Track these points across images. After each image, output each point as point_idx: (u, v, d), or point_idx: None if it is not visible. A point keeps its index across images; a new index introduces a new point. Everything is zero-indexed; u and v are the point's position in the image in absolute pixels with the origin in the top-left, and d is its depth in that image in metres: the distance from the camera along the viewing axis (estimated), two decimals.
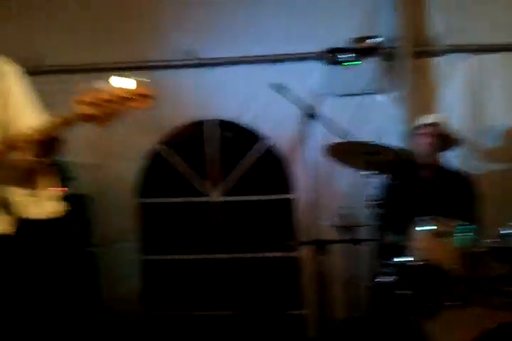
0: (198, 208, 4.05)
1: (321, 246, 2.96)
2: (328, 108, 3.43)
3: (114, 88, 1.46)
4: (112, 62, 3.73)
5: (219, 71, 3.82)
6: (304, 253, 3.67)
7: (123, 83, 1.47)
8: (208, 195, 4.00)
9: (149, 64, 3.79)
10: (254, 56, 3.76)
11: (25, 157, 1.67)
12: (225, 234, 4.01)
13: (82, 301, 3.47)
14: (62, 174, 3.39)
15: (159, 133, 3.95)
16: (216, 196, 3.98)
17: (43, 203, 1.88)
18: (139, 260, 4.02)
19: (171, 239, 4.07)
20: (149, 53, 3.78)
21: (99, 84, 1.47)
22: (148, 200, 4.03)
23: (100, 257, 3.72)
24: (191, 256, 4.03)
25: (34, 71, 3.50)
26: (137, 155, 3.95)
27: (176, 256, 4.05)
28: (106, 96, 1.46)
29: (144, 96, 1.47)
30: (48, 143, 1.63)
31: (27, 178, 1.80)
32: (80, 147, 3.86)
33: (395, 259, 2.74)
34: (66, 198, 2.70)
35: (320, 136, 3.29)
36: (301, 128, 3.09)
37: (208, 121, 3.95)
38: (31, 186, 1.85)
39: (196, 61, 3.78)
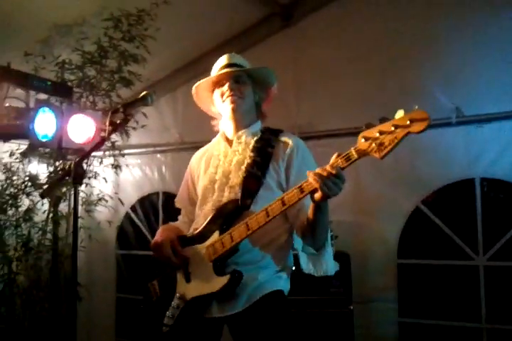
0: (460, 271, 3.80)
1: None
2: None
3: (391, 121, 1.62)
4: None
5: (486, 128, 3.63)
6: None
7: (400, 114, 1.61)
8: (472, 259, 3.73)
9: None
10: None
11: None
12: (491, 302, 3.66)
13: None
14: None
15: (422, 192, 3.88)
16: (482, 260, 3.69)
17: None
18: (396, 321, 3.90)
19: (429, 302, 3.88)
20: None
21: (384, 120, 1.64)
22: (408, 261, 3.93)
23: (357, 315, 3.68)
24: (451, 323, 3.77)
25: (306, 136, 3.88)
26: (398, 214, 3.92)
27: (435, 321, 3.82)
28: (387, 129, 1.63)
29: (418, 120, 1.58)
30: None
31: None
32: (340, 205, 4.01)
33: None
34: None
35: None
36: None
37: (475, 180, 3.74)
38: None
39: (462, 119, 3.66)
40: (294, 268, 3.44)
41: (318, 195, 1.78)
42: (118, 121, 2.07)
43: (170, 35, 3.93)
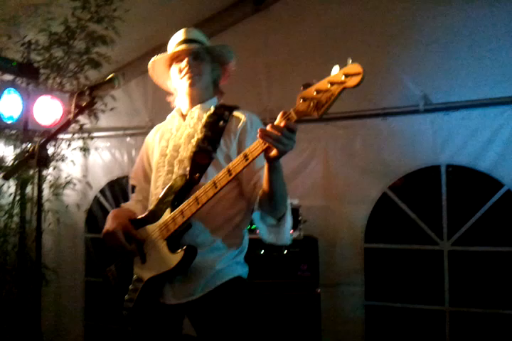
0: (425, 256, 3.88)
1: None
2: None
3: (327, 78, 1.59)
4: (348, 111, 3.86)
5: (453, 115, 3.69)
6: None
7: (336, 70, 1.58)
8: (437, 243, 3.81)
9: (384, 111, 3.85)
10: (491, 98, 3.55)
11: None
12: (454, 285, 3.76)
13: None
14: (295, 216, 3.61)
15: (390, 178, 3.94)
16: (446, 245, 3.78)
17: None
18: (363, 304, 3.99)
19: (395, 286, 3.96)
20: (383, 100, 3.83)
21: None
22: (374, 245, 4.00)
23: (324, 298, 3.73)
24: (416, 305, 3.86)
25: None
26: (366, 199, 3.98)
27: (400, 304, 3.91)
28: (323, 87, 1.60)
29: (353, 74, 1.54)
30: None
31: None
32: (310, 190, 4.07)
33: None
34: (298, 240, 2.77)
35: None
36: None
37: (441, 166, 3.80)
38: None
39: (430, 106, 3.71)
40: (262, 251, 3.55)
41: (274, 152, 1.71)
42: (84, 104, 2.04)
43: (139, 17, 3.85)
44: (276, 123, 1.70)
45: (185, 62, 2.16)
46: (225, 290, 2.03)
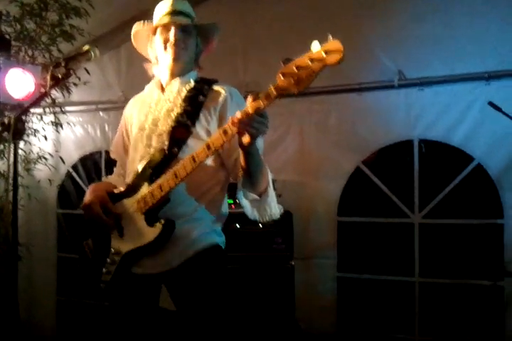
0: (397, 229, 3.98)
1: None
2: None
3: (307, 55, 1.59)
4: (323, 86, 3.86)
5: (427, 91, 3.74)
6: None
7: (316, 46, 1.58)
8: (408, 216, 3.91)
9: (360, 86, 3.87)
10: (465, 74, 3.61)
11: None
12: (424, 257, 3.87)
13: (275, 313, 3.64)
14: None
15: (364, 153, 3.99)
16: (417, 217, 3.88)
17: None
18: (335, 276, 4.07)
19: (367, 258, 4.06)
20: (359, 75, 3.85)
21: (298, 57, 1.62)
22: (347, 219, 4.08)
23: (298, 271, 3.80)
24: (386, 277, 3.97)
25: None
26: (340, 173, 4.03)
27: (371, 276, 4.02)
28: (304, 63, 1.60)
29: (333, 51, 1.54)
30: None
31: None
32: (285, 165, 4.10)
33: None
34: None
35: None
36: None
37: (414, 141, 3.87)
38: None
39: (404, 81, 3.75)
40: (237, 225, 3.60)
41: (246, 138, 1.75)
42: (59, 76, 2.01)
43: None
44: (252, 104, 1.70)
45: (172, 34, 2.12)
46: (203, 258, 2.06)
